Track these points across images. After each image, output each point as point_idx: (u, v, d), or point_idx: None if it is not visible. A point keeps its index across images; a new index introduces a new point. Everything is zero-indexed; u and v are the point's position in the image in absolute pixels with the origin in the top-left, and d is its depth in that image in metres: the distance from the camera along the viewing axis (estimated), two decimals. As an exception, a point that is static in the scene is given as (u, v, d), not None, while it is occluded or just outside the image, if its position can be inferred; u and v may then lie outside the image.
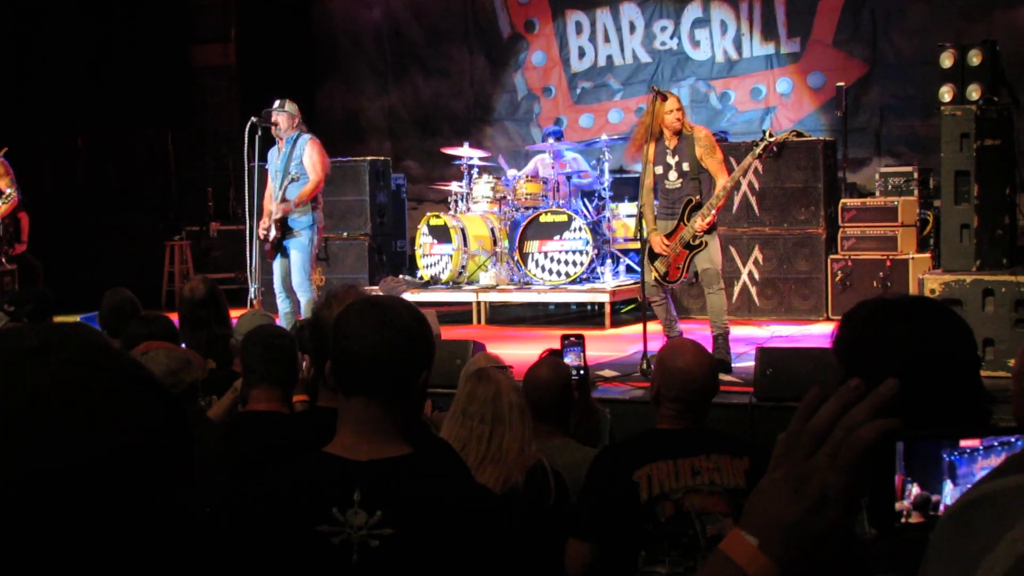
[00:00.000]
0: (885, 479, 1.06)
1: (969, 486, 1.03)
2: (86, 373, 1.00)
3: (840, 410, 1.09)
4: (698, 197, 8.00)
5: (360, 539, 2.30)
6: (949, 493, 1.05)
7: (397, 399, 2.44)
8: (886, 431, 1.07)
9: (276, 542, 2.33)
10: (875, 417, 1.08)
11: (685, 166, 8.05)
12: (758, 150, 7.97)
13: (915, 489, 1.06)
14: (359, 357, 2.41)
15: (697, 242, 7.99)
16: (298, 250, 9.48)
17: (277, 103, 9.66)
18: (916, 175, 11.22)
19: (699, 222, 7.93)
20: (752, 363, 6.87)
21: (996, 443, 1.05)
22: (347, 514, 2.31)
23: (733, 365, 8.06)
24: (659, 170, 8.14)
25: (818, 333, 9.97)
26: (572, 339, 5.17)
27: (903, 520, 1.07)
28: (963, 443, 1.05)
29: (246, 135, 9.47)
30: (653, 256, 8.12)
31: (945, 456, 1.05)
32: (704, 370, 3.77)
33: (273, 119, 9.58)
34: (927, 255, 10.66)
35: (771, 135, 8.03)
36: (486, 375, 3.92)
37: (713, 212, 7.94)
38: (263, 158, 9.73)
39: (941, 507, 1.05)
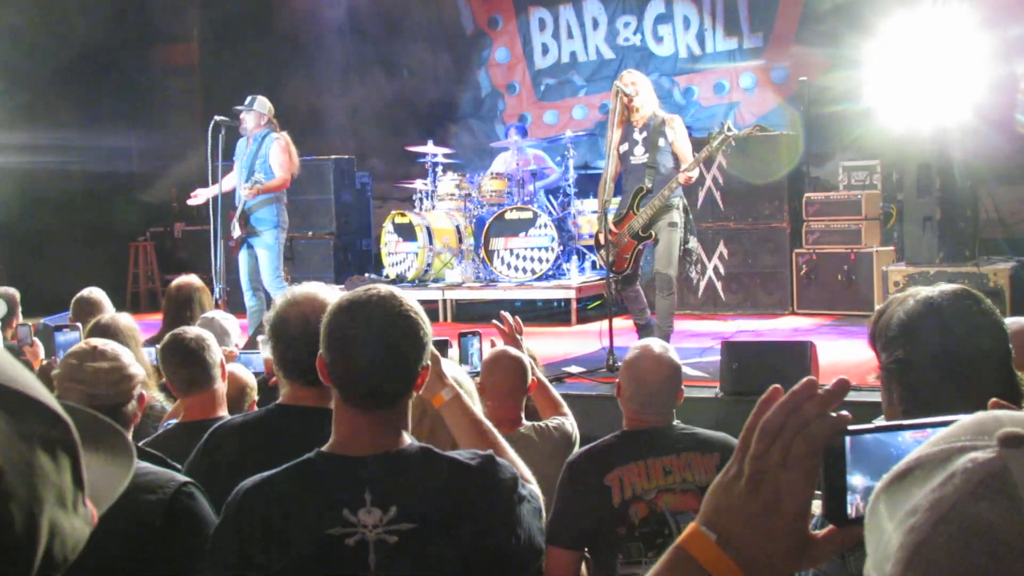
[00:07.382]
0: (836, 474, 1.07)
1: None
2: None
3: (792, 408, 1.10)
4: (648, 186, 7.99)
5: (376, 537, 2.25)
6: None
7: (397, 400, 2.41)
8: (835, 427, 1.09)
9: (286, 549, 2.28)
10: (825, 414, 1.09)
11: (653, 142, 8.06)
12: (715, 143, 7.92)
13: (864, 483, 1.07)
14: (360, 368, 2.36)
15: (647, 234, 7.96)
16: (265, 249, 9.44)
17: (248, 100, 9.61)
18: (879, 169, 11.28)
19: (648, 212, 7.95)
20: (718, 357, 6.88)
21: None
22: (359, 514, 2.27)
23: (699, 360, 8.08)
24: (624, 147, 8.16)
25: (784, 327, 10.02)
26: (469, 334, 5.23)
27: (855, 514, 1.07)
28: (911, 436, 1.06)
29: (210, 134, 9.39)
30: (600, 244, 8.14)
31: (894, 452, 1.05)
32: (664, 373, 3.78)
33: (240, 118, 9.53)
34: (891, 248, 10.68)
35: (729, 129, 7.94)
36: None
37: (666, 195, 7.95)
38: (227, 157, 9.67)
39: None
